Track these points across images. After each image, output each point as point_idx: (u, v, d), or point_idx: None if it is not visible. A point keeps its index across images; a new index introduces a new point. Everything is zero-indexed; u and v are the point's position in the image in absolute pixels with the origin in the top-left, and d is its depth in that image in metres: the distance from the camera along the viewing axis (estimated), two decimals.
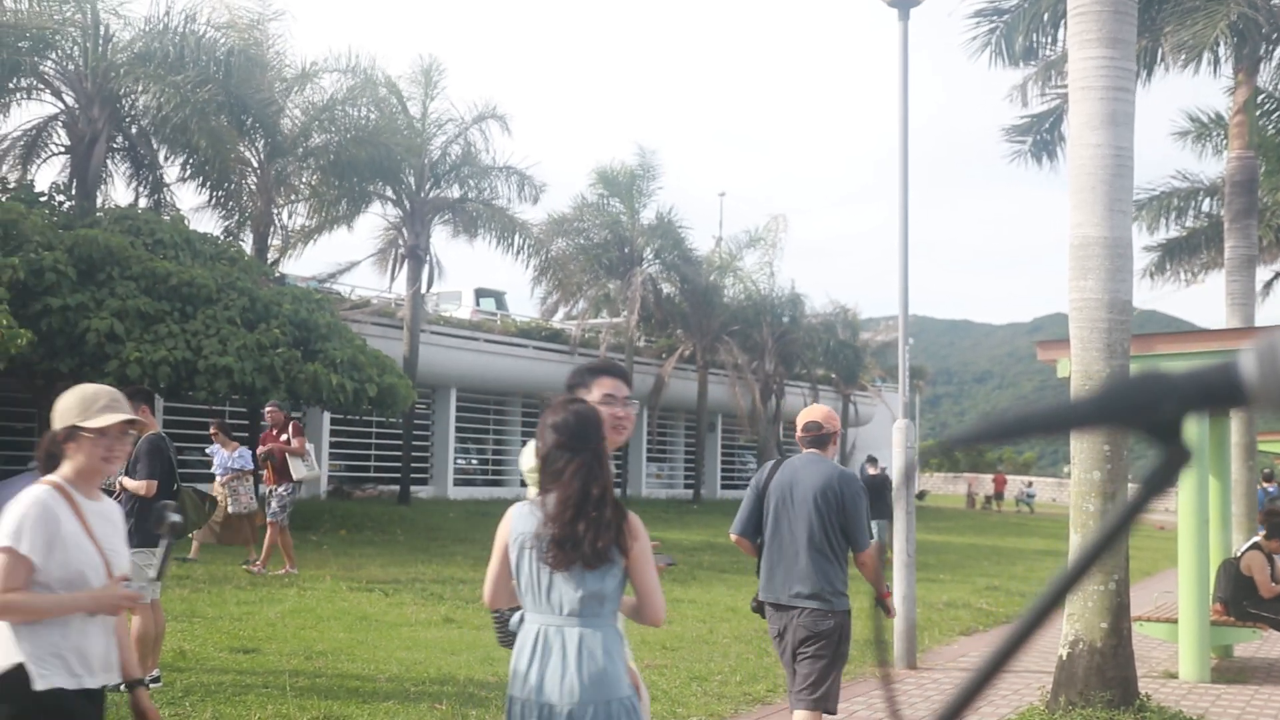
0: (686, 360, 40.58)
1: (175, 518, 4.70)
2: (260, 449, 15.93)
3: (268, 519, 15.74)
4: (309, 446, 16.13)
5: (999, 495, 57.76)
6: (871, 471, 24.36)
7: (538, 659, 3.88)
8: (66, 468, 3.90)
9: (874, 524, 23.03)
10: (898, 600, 11.10)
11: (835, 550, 6.34)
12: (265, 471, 15.90)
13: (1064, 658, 8.71)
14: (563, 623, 3.90)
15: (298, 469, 15.63)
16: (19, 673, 3.69)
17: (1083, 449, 8.65)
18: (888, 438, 44.97)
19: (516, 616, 4.08)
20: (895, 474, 11.42)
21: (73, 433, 3.88)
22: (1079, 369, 8.79)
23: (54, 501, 3.80)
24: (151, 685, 8.63)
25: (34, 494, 3.80)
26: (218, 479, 16.67)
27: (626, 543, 3.95)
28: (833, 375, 48.27)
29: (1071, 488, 8.89)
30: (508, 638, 4.17)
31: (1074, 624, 8.67)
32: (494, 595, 4.21)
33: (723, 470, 46.23)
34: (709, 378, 40.68)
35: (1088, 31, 8.58)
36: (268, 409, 16.32)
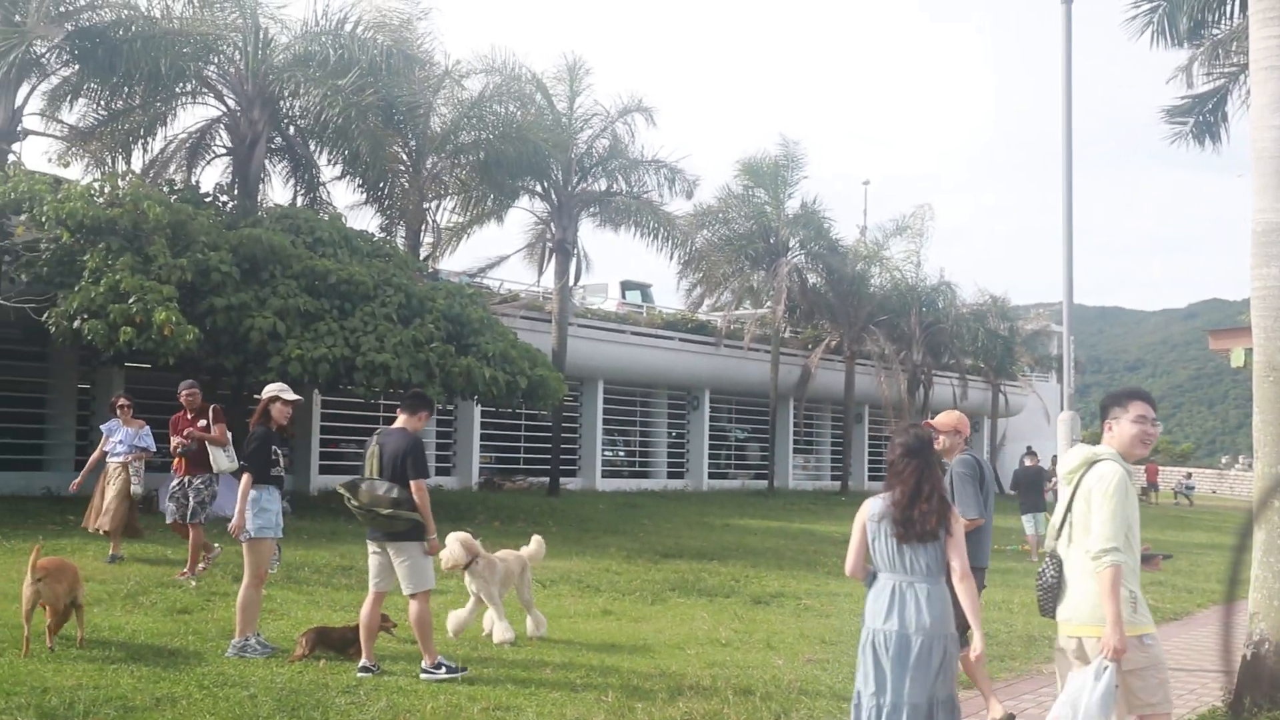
0: (833, 351, 40.26)
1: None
2: (174, 436, 13.93)
3: (188, 519, 13.69)
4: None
5: (1153, 485, 56.08)
6: (1028, 463, 23.86)
7: (896, 605, 5.80)
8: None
9: (1030, 517, 22.60)
10: None
11: None
12: (176, 461, 13.98)
13: (1249, 658, 8.40)
14: (911, 579, 5.83)
15: (219, 460, 13.71)
16: None
17: (1268, 440, 8.32)
18: (1039, 428, 44.00)
19: (871, 575, 5.98)
20: (1060, 465, 11.08)
21: None
22: (1261, 359, 8.45)
23: None
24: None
25: None
26: (118, 458, 14.81)
27: (951, 525, 5.85)
28: (982, 365, 47.44)
29: (1255, 481, 8.56)
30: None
31: (1259, 623, 8.35)
32: (853, 566, 6.09)
33: (870, 461, 45.73)
34: (856, 368, 40.30)
35: (1272, 9, 8.23)
36: (183, 390, 14.05)
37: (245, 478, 9.55)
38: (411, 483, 8.72)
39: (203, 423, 13.75)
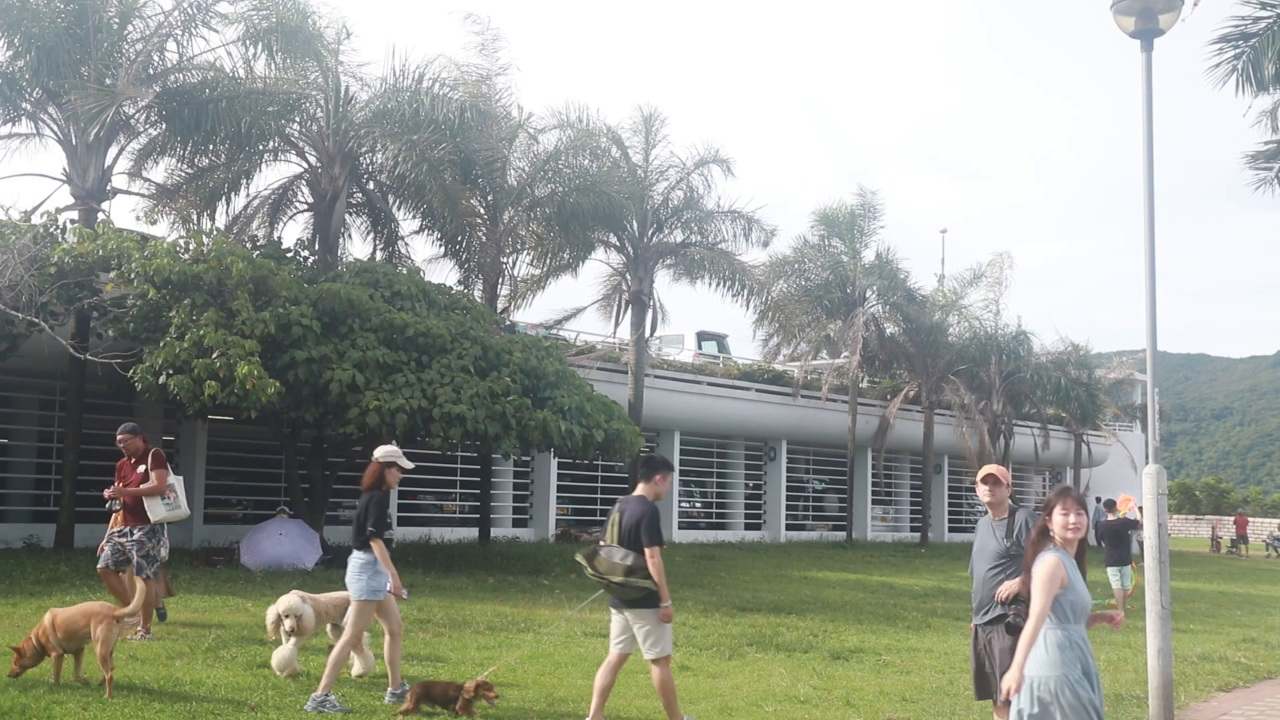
0: (911, 401, 39.92)
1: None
2: (117, 483, 12.99)
3: (137, 573, 12.55)
4: (174, 480, 13.00)
5: (1242, 538, 54.78)
6: (1110, 516, 23.40)
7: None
8: None
9: (1116, 570, 22.13)
10: (1152, 654, 10.54)
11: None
12: (118, 514, 13.10)
13: None
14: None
15: (155, 509, 12.73)
16: None
17: None
18: (1125, 479, 43.13)
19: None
20: (1147, 519, 10.88)
21: None
22: None
23: None
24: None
25: None
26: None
27: None
28: (1064, 414, 46.76)
29: None
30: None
31: None
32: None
33: (950, 513, 45.15)
34: (935, 418, 39.91)
35: None
36: (119, 436, 12.98)
37: (377, 544, 9.80)
38: (645, 550, 8.79)
39: (143, 468, 12.76)
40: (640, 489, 9.11)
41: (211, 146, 23.54)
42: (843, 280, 37.76)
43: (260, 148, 24.06)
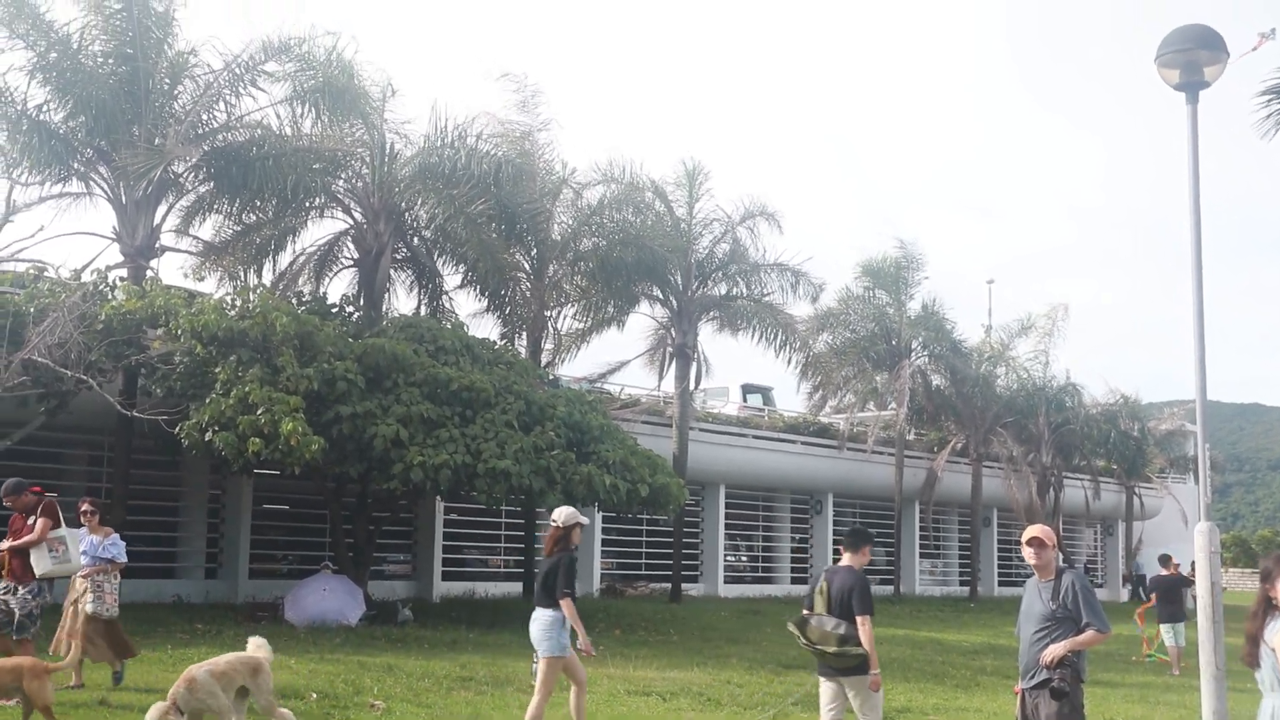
0: (959, 453, 39.57)
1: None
2: (8, 540, 12.18)
3: (14, 633, 11.77)
4: (64, 532, 12.21)
5: None
6: (1164, 571, 23.01)
7: None
8: None
9: (1169, 627, 21.74)
10: (1206, 716, 10.30)
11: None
12: (4, 570, 12.16)
13: None
14: None
15: (40, 562, 11.89)
16: None
17: None
18: (1178, 532, 42.44)
19: None
20: (1200, 579, 10.66)
21: None
22: None
23: None
24: None
25: None
26: (78, 570, 12.79)
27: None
28: (1114, 467, 46.18)
29: None
30: None
31: None
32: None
33: (999, 566, 44.58)
34: (983, 471, 39.52)
35: None
36: (4, 498, 12.33)
37: (567, 602, 10.24)
38: (857, 618, 9.14)
39: (33, 519, 12.01)
40: (847, 559, 9.63)
41: (258, 203, 23.76)
42: (888, 332, 37.61)
43: (306, 204, 24.27)
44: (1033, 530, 8.13)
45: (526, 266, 27.17)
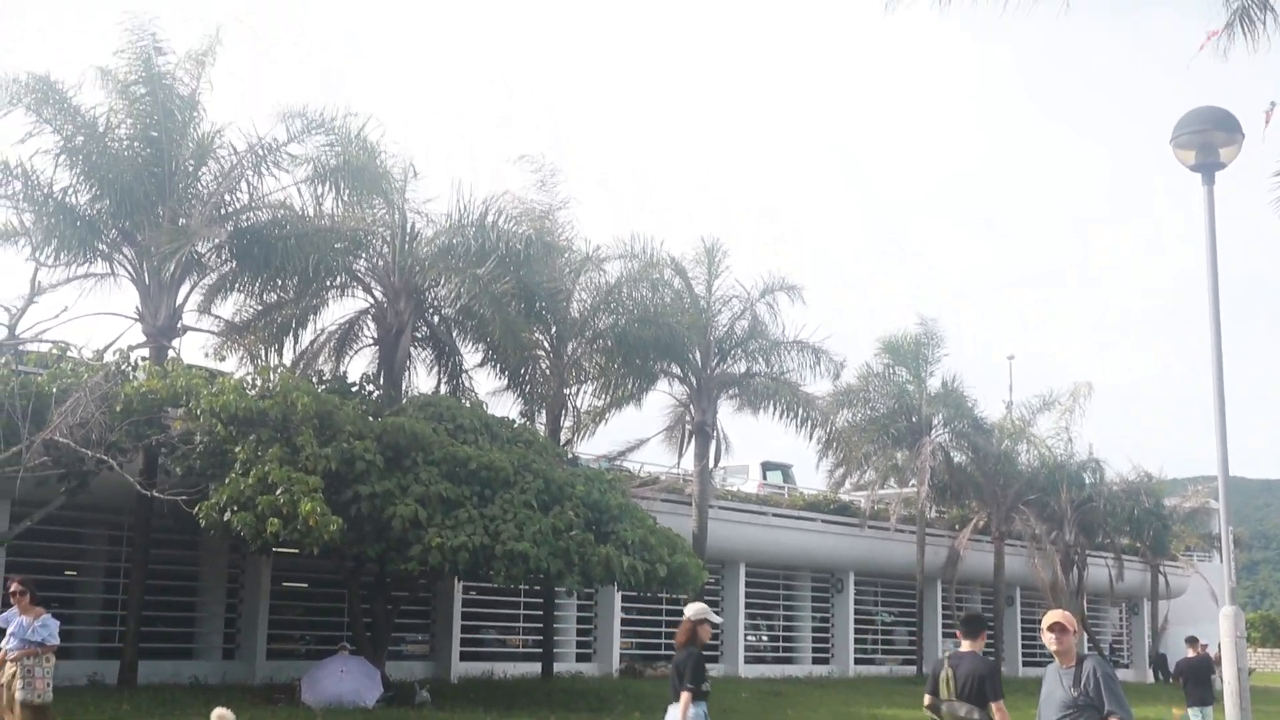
0: (981, 531, 39.25)
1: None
2: None
3: None
4: None
5: None
6: (1191, 653, 22.67)
7: None
8: None
9: (1198, 710, 21.37)
10: None
11: None
12: None
13: None
14: None
15: None
16: None
17: None
18: (1206, 611, 41.88)
19: None
20: (1226, 664, 10.51)
21: None
22: None
23: None
24: None
25: None
26: (6, 653, 12.67)
27: None
28: (1138, 544, 45.72)
29: None
30: None
31: None
32: None
33: (1024, 646, 44.01)
34: (1005, 548, 39.15)
35: None
36: None
37: (685, 695, 10.46)
38: (992, 704, 9.42)
39: None
40: (967, 645, 9.98)
41: (280, 283, 23.92)
42: (909, 409, 37.49)
43: (327, 283, 24.43)
44: (1054, 615, 8.04)
45: (546, 344, 27.24)
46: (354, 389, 23.31)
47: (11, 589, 12.77)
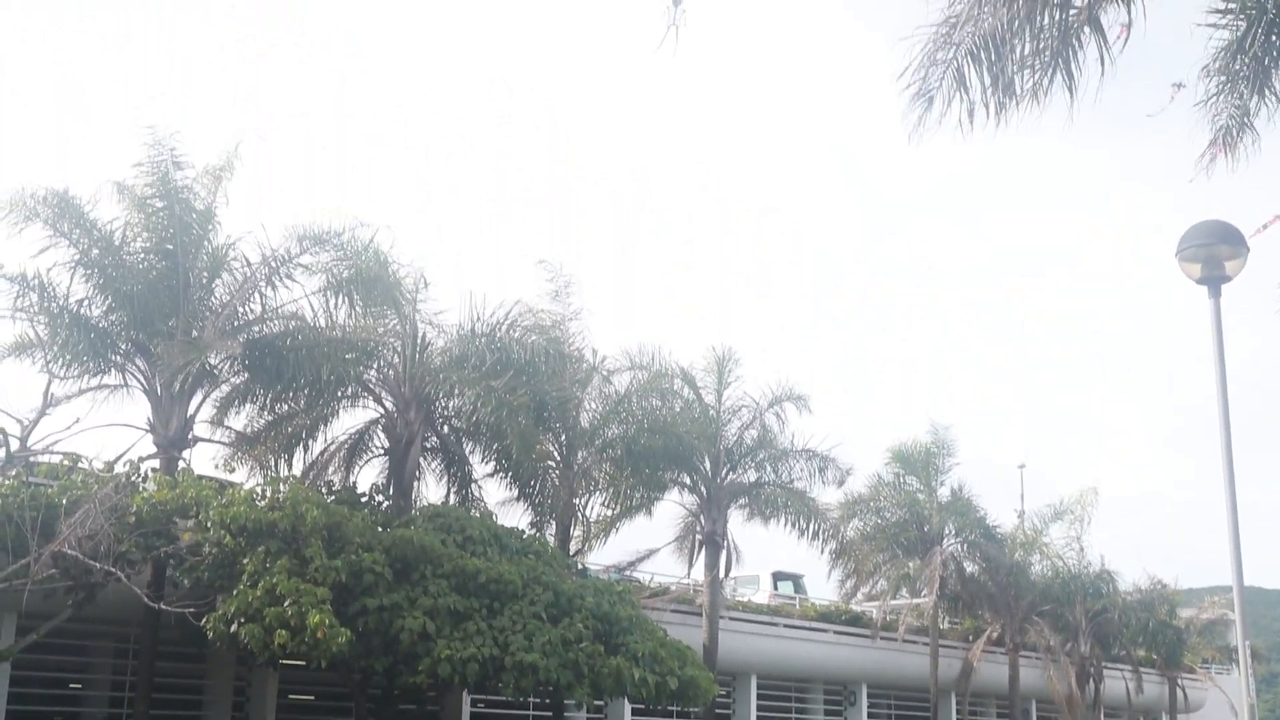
0: (995, 642, 38.81)
1: None
2: None
3: None
4: None
5: None
6: None
7: None
8: None
9: None
10: None
11: None
12: None
13: None
14: None
15: None
16: None
17: None
18: None
19: None
20: None
21: None
22: None
23: None
24: None
25: None
26: None
27: None
28: (1155, 656, 45.13)
29: None
30: None
31: None
32: None
33: None
34: (1020, 660, 38.66)
35: None
36: None
37: None
38: None
39: None
40: None
41: (291, 393, 23.94)
42: (919, 518, 37.28)
43: (338, 394, 24.46)
44: None
45: (555, 454, 27.21)
46: (363, 499, 23.27)
47: None
